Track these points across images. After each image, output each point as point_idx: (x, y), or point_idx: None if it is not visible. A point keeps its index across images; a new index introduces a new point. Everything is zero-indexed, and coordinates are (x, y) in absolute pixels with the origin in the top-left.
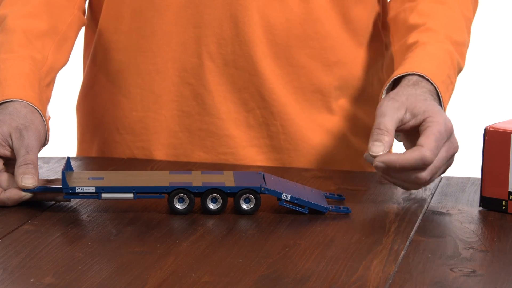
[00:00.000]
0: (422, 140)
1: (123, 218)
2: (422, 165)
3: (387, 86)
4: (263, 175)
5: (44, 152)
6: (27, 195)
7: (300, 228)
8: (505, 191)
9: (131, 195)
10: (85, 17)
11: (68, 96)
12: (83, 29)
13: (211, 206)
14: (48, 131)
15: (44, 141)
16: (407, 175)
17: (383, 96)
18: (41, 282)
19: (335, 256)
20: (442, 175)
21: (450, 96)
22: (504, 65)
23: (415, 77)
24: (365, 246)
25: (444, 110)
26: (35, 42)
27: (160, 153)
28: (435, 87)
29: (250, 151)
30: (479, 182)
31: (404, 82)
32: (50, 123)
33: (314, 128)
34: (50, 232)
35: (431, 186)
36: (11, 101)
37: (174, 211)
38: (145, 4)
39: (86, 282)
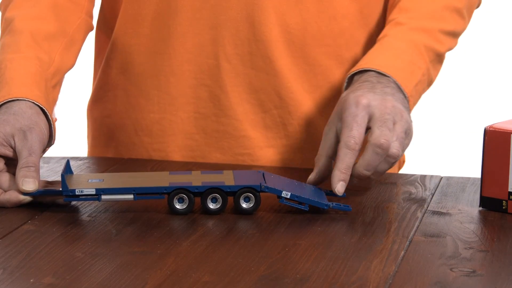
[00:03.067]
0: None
1: (123, 218)
2: (354, 145)
3: (345, 85)
4: (263, 173)
5: (52, 153)
6: (27, 199)
7: (300, 228)
8: (505, 191)
9: (131, 196)
10: (95, 21)
11: (71, 101)
12: (91, 34)
13: (211, 206)
14: (54, 132)
15: (49, 143)
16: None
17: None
18: (41, 282)
19: (335, 256)
20: (442, 175)
21: (421, 81)
22: (504, 65)
23: (365, 74)
24: (365, 246)
25: (416, 96)
26: (42, 44)
27: (176, 155)
28: (387, 76)
29: (267, 152)
30: (479, 182)
31: (354, 80)
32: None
33: None
34: (50, 232)
35: (431, 186)
36: (17, 100)
37: (174, 212)
38: (162, 6)
39: (86, 282)
